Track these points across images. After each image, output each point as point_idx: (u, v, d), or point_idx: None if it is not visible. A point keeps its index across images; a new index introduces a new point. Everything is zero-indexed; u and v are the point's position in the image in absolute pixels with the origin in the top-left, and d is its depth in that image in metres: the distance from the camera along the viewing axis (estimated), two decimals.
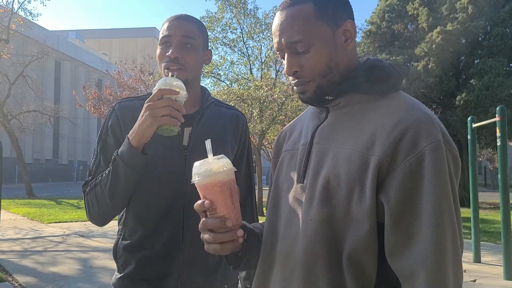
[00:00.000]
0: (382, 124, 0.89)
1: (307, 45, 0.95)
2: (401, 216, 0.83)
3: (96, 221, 1.40)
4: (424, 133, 0.85)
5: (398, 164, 0.84)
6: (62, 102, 35.07)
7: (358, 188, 0.87)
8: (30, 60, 20.75)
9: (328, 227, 0.89)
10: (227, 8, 16.42)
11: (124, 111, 1.44)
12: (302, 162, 1.01)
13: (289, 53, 0.97)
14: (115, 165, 1.28)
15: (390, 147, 0.85)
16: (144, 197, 1.38)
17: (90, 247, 7.34)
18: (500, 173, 5.43)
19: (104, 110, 21.11)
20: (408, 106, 0.92)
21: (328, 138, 0.97)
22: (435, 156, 0.83)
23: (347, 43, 0.98)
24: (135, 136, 1.25)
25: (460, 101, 13.58)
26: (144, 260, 1.38)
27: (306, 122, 1.10)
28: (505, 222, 5.34)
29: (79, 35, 52.78)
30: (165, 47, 1.40)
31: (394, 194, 0.84)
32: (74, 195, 20.42)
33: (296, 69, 0.97)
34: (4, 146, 9.74)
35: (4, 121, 18.81)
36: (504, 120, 5.37)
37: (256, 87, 12.82)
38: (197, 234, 1.35)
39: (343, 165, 0.90)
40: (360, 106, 0.97)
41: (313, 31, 0.95)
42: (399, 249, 0.84)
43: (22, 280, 5.18)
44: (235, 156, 1.53)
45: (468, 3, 13.82)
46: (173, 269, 1.38)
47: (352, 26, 0.98)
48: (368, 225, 0.85)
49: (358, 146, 0.90)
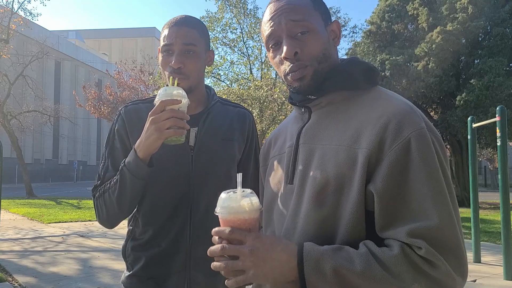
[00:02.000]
0: (366, 118, 0.92)
1: (307, 27, 0.97)
2: (390, 200, 0.85)
3: (105, 224, 1.45)
4: (407, 122, 0.87)
5: (385, 153, 0.86)
6: (62, 102, 35.06)
7: (347, 182, 0.88)
8: (30, 60, 20.74)
9: (319, 224, 0.91)
10: (227, 8, 16.43)
11: (129, 115, 1.46)
12: (289, 163, 1.02)
13: (288, 36, 0.98)
14: (122, 174, 1.32)
15: (376, 139, 0.87)
16: (152, 197, 1.41)
17: (90, 247, 7.34)
18: (500, 173, 5.43)
19: (104, 110, 21.14)
20: (389, 98, 0.96)
21: (314, 137, 0.99)
22: (421, 142, 0.85)
23: (334, 41, 1.04)
24: (141, 149, 1.27)
25: (460, 101, 13.57)
26: (152, 258, 1.41)
27: (290, 125, 1.11)
28: (505, 222, 5.34)
29: (79, 35, 52.78)
30: (167, 55, 1.40)
31: (382, 182, 0.85)
32: (74, 195, 20.43)
33: (297, 50, 0.97)
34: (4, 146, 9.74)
35: (4, 121, 18.81)
36: (504, 120, 5.36)
37: (256, 87, 12.83)
38: (203, 233, 1.37)
39: (330, 161, 0.92)
40: (342, 103, 1.00)
41: (313, 17, 0.99)
42: (388, 224, 0.85)
43: (22, 280, 5.18)
44: (242, 155, 1.54)
45: (468, 3, 13.81)
46: (179, 268, 1.40)
47: (338, 27, 1.04)
48: (356, 215, 0.87)
49: (344, 141, 0.92)
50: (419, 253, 0.81)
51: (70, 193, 22.58)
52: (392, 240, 0.84)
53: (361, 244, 0.86)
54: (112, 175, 1.39)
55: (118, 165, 1.38)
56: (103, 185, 1.40)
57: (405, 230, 0.82)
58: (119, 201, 1.35)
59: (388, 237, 0.85)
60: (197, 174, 1.41)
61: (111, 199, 1.36)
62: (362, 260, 0.81)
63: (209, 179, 1.42)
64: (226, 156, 1.47)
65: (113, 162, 1.42)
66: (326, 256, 0.83)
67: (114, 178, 1.36)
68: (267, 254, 0.84)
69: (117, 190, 1.34)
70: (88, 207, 14.04)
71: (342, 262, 0.82)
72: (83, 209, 13.37)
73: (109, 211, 1.39)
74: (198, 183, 1.41)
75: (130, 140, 1.42)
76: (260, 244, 0.84)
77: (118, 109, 1.54)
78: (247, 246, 0.84)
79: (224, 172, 1.46)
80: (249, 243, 0.84)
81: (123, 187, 1.33)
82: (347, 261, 0.82)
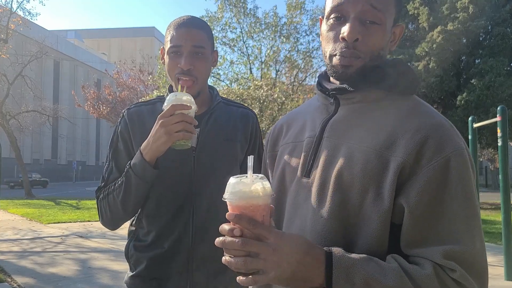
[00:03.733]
0: (402, 125, 0.87)
1: (380, 19, 0.91)
2: (422, 217, 0.82)
3: (108, 226, 1.46)
4: (448, 139, 0.84)
5: (421, 167, 0.82)
6: (61, 102, 35.07)
7: (373, 187, 0.84)
8: (29, 60, 20.72)
9: (339, 225, 0.87)
10: (227, 7, 16.43)
11: (132, 117, 1.47)
12: (308, 155, 0.96)
13: (356, 19, 0.90)
14: (127, 177, 1.34)
15: (414, 150, 0.83)
16: (156, 198, 1.41)
17: (89, 248, 7.32)
18: (501, 174, 5.41)
19: (103, 110, 21.14)
20: (428, 111, 0.91)
21: (342, 133, 0.93)
22: (460, 162, 0.83)
23: (391, 44, 0.98)
24: (149, 151, 1.29)
25: (461, 101, 13.57)
26: (154, 259, 1.42)
27: (311, 114, 1.04)
28: (506, 223, 5.32)
29: (78, 34, 52.79)
30: (175, 56, 1.39)
31: (416, 197, 0.81)
32: (73, 195, 20.41)
33: (358, 37, 0.90)
34: (3, 146, 9.72)
35: (3, 121, 18.79)
36: (505, 120, 5.35)
37: (256, 87, 12.82)
38: (206, 233, 1.40)
39: (358, 163, 0.87)
40: (376, 104, 0.94)
41: (389, 11, 0.93)
42: (419, 242, 0.82)
43: (21, 281, 5.15)
44: (245, 155, 1.53)
45: (469, 3, 13.80)
46: (182, 268, 1.40)
47: (400, 32, 0.98)
48: (382, 226, 0.83)
49: (377, 145, 0.87)
50: (452, 275, 0.79)
51: (69, 193, 22.57)
52: (422, 259, 0.81)
53: (389, 257, 0.82)
54: (116, 177, 1.41)
55: (122, 167, 1.40)
56: (107, 187, 1.41)
57: (439, 251, 0.79)
58: (123, 203, 1.36)
59: (417, 255, 0.82)
60: (199, 175, 1.41)
61: (115, 201, 1.37)
62: (395, 275, 0.78)
63: (211, 180, 1.41)
64: (228, 157, 1.46)
65: (117, 164, 1.44)
66: (357, 265, 0.78)
67: (119, 180, 1.37)
68: (292, 256, 0.77)
69: (122, 192, 1.35)
70: (87, 207, 14.02)
71: (374, 274, 0.78)
72: (82, 210, 13.36)
73: (113, 213, 1.40)
74: (200, 184, 1.41)
75: (133, 143, 1.44)
76: (284, 243, 0.77)
77: (120, 110, 1.54)
78: (271, 244, 0.76)
79: (226, 173, 1.43)
80: (273, 240, 0.77)
81: (128, 189, 1.34)
82: (379, 274, 0.78)
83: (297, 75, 18.03)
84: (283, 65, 17.43)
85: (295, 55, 17.12)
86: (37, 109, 23.36)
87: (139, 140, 1.38)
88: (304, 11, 16.96)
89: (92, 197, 18.03)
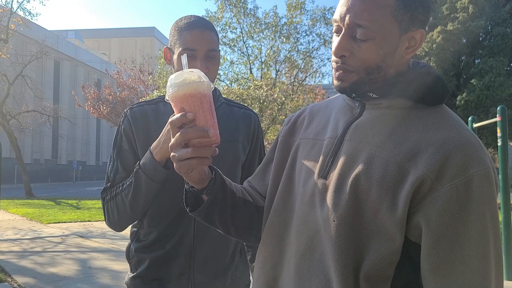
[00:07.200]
0: (427, 137, 0.84)
1: (368, 35, 0.86)
2: (442, 239, 0.80)
3: (115, 227, 1.44)
4: (474, 157, 0.81)
5: (443, 184, 0.79)
6: (61, 102, 35.06)
7: (389, 196, 0.82)
8: (29, 60, 20.70)
9: (352, 230, 0.85)
10: (227, 7, 16.43)
11: (135, 117, 1.46)
12: (327, 156, 0.94)
13: (345, 34, 0.88)
14: (137, 177, 1.32)
15: (436, 165, 0.80)
16: (158, 200, 1.40)
17: (89, 248, 7.32)
18: (500, 174, 5.41)
19: (104, 110, 21.11)
20: (456, 124, 0.88)
21: (363, 138, 0.91)
22: (485, 183, 0.79)
23: (407, 51, 0.91)
24: (159, 151, 1.28)
25: (460, 101, 13.58)
26: (155, 260, 1.41)
27: (335, 113, 1.02)
28: (506, 223, 5.33)
29: (78, 34, 52.74)
30: (189, 59, 1.38)
31: (436, 216, 0.79)
32: (73, 195, 20.40)
33: (345, 54, 0.89)
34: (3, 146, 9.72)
35: (3, 121, 18.78)
36: (505, 120, 5.36)
37: (256, 87, 12.83)
38: (208, 235, 1.40)
39: (377, 170, 0.85)
40: (402, 111, 0.91)
41: (382, 25, 0.86)
42: (438, 272, 0.80)
43: (21, 281, 5.16)
44: (247, 156, 1.53)
45: (469, 3, 13.81)
46: (183, 270, 1.40)
47: (421, 37, 0.90)
48: (397, 236, 0.82)
49: (398, 154, 0.84)
50: None
51: (69, 193, 22.55)
52: None
53: None
54: (123, 177, 1.39)
55: (127, 166, 1.39)
56: (114, 188, 1.39)
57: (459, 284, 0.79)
58: (132, 204, 1.35)
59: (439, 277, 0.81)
60: None
61: (124, 202, 1.35)
62: None
63: None
64: (230, 157, 1.46)
65: (122, 163, 1.42)
66: None
67: (127, 180, 1.36)
68: None
69: (131, 193, 1.33)
70: (87, 207, 14.02)
71: None
72: (82, 210, 13.35)
73: (121, 214, 1.38)
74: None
75: (136, 142, 1.42)
76: None
77: (120, 110, 1.54)
78: None
79: (228, 173, 1.44)
80: None
81: (138, 190, 1.32)
82: None
83: (297, 75, 18.05)
84: (283, 65, 17.45)
85: (295, 55, 17.16)
86: (37, 109, 23.32)
87: (142, 139, 1.38)
88: (304, 11, 16.98)
89: (92, 197, 18.05)
